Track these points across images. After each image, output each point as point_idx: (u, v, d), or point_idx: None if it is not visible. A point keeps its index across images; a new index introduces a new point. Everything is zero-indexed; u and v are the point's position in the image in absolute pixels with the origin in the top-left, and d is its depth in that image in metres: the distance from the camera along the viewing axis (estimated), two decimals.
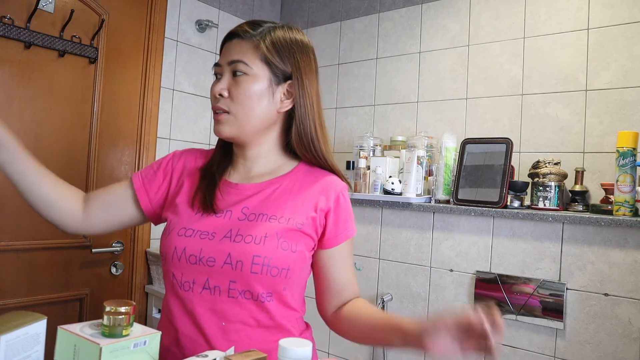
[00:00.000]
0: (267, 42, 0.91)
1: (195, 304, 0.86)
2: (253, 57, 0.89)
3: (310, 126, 0.94)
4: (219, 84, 0.90)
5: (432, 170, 2.00)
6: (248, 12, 2.55)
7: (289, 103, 0.93)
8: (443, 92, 2.12)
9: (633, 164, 1.52)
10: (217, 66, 0.93)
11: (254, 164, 0.96)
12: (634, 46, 1.68)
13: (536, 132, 1.87)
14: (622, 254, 1.57)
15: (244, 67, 0.89)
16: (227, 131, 0.90)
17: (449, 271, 1.93)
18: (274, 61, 0.91)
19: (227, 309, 0.85)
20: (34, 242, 1.77)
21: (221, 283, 0.85)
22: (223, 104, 0.90)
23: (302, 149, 0.95)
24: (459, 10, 2.10)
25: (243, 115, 0.89)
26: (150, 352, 0.63)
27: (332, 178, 0.96)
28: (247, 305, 0.85)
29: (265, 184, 0.93)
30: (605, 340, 1.58)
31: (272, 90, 0.91)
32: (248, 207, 0.90)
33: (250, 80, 0.89)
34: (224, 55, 0.92)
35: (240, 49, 0.90)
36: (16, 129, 1.70)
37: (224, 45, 0.94)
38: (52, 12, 1.79)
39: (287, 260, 0.86)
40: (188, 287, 0.87)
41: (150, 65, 2.09)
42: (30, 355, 0.64)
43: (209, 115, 2.36)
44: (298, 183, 0.94)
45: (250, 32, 0.91)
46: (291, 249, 0.87)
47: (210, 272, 0.85)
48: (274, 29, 0.93)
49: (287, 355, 0.58)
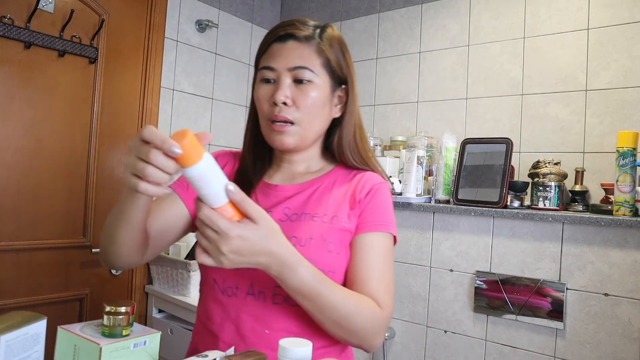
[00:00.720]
0: (327, 46, 0.86)
1: (239, 310, 0.81)
2: (317, 63, 0.85)
3: (353, 131, 0.91)
4: (281, 91, 0.83)
5: (432, 170, 2.00)
6: (248, 12, 2.55)
7: (341, 109, 0.90)
8: (443, 92, 2.12)
9: (633, 164, 1.52)
10: (269, 70, 0.85)
11: (297, 166, 0.92)
12: (634, 46, 1.68)
13: (536, 132, 1.87)
14: (622, 254, 1.57)
15: (310, 75, 0.84)
16: (292, 142, 0.85)
17: (449, 271, 1.93)
18: (335, 66, 0.87)
19: (272, 317, 0.80)
20: (34, 242, 1.77)
21: (266, 288, 0.80)
22: (288, 113, 0.83)
23: (342, 154, 0.91)
24: (459, 10, 2.10)
25: (308, 125, 0.85)
26: (150, 352, 0.63)
27: (371, 173, 0.92)
28: (293, 313, 0.80)
29: (306, 185, 0.90)
30: (605, 341, 1.58)
31: (331, 97, 0.88)
32: (289, 207, 0.87)
33: (316, 89, 0.84)
34: (279, 59, 0.85)
35: (300, 53, 0.84)
36: (16, 129, 1.71)
37: (273, 46, 0.86)
38: (52, 12, 1.79)
39: (333, 263, 0.81)
40: (231, 292, 0.82)
41: (150, 65, 2.09)
42: (30, 355, 0.64)
43: (208, 115, 2.36)
44: (339, 181, 0.90)
45: (309, 34, 0.86)
46: (336, 251, 0.82)
47: (254, 277, 0.80)
48: (325, 29, 0.88)
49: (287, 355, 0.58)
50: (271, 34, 0.88)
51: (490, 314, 1.80)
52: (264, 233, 0.65)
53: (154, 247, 0.86)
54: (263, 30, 2.64)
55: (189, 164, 0.59)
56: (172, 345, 1.93)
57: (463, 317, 1.88)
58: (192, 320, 1.88)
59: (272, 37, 0.87)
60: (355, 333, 0.77)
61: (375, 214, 0.86)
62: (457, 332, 1.89)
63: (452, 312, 1.91)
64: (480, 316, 1.84)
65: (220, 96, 2.42)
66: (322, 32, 0.87)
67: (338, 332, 0.77)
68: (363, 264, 0.83)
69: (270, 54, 0.86)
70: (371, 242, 0.84)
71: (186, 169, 0.59)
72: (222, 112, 2.43)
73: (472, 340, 1.85)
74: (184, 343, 1.89)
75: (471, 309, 1.86)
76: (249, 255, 0.65)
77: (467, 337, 1.87)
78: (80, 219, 1.90)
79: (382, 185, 0.90)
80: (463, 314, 1.88)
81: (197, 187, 0.61)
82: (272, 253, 0.67)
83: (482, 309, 1.82)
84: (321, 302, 0.73)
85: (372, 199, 0.87)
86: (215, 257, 0.65)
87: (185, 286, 1.94)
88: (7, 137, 1.70)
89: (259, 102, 0.87)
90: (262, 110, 0.87)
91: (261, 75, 0.87)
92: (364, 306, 0.77)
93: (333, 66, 0.87)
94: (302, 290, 0.71)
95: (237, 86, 2.50)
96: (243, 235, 0.63)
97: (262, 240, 0.65)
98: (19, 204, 1.73)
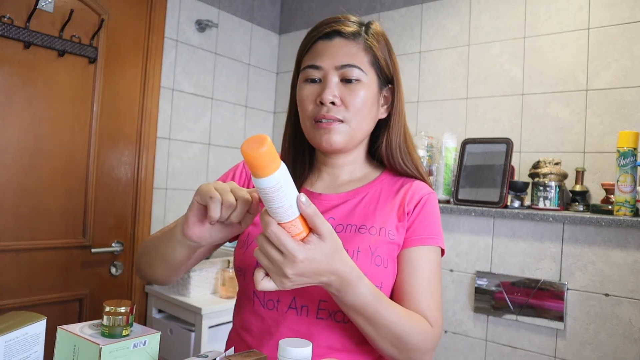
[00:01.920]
0: (374, 43, 0.83)
1: (280, 324, 0.78)
2: (365, 60, 0.82)
3: (403, 132, 0.87)
4: (328, 90, 0.79)
5: (433, 170, 2.00)
6: (248, 12, 2.55)
7: (387, 109, 0.87)
8: (443, 92, 2.12)
9: (633, 164, 1.52)
10: (315, 68, 0.82)
11: (341, 172, 0.88)
12: (634, 46, 1.68)
13: (536, 132, 1.86)
14: (623, 254, 1.57)
15: (359, 73, 0.80)
16: (340, 141, 0.81)
17: (449, 271, 1.93)
18: (382, 64, 0.84)
19: (315, 332, 0.77)
20: (34, 242, 1.76)
21: (310, 302, 0.77)
22: (337, 112, 0.80)
23: (391, 157, 0.87)
24: (459, 10, 2.09)
25: (357, 125, 0.81)
26: (150, 352, 0.63)
27: (419, 183, 0.88)
28: (336, 328, 0.77)
29: (351, 193, 0.86)
30: (605, 341, 1.58)
31: (378, 97, 0.85)
32: (334, 218, 0.83)
33: (365, 88, 0.81)
34: (325, 57, 0.81)
35: (349, 51, 0.81)
36: (16, 129, 1.71)
37: (318, 44, 0.83)
38: (51, 12, 1.78)
39: (380, 277, 0.78)
40: (272, 305, 0.79)
41: (150, 65, 2.09)
42: (29, 356, 0.64)
43: (208, 115, 2.36)
44: (385, 191, 0.86)
45: (356, 30, 0.82)
46: (384, 265, 0.78)
47: (298, 291, 0.76)
48: (370, 25, 0.85)
49: (287, 355, 0.58)
50: (315, 31, 0.84)
51: (490, 314, 1.80)
52: (330, 251, 0.62)
53: (192, 263, 0.84)
54: (263, 30, 2.64)
55: (265, 174, 0.53)
56: (171, 345, 1.93)
57: (463, 317, 1.88)
58: (192, 321, 1.88)
59: (317, 35, 0.83)
60: (407, 351, 0.74)
61: (425, 226, 0.82)
62: (458, 332, 1.89)
63: (452, 312, 1.90)
64: (481, 316, 1.83)
65: (220, 96, 2.42)
66: (368, 29, 0.84)
67: (390, 350, 0.74)
68: (413, 280, 0.79)
69: (316, 52, 0.82)
70: (421, 257, 0.81)
71: (261, 179, 0.54)
72: (222, 112, 2.43)
73: (473, 341, 1.85)
74: (183, 343, 1.89)
75: (471, 309, 1.86)
76: (312, 276, 0.62)
77: (467, 337, 1.87)
78: (80, 219, 1.90)
79: (431, 196, 0.87)
80: (463, 314, 1.88)
81: (268, 199, 0.56)
82: (336, 272, 0.64)
83: (483, 309, 1.82)
84: (377, 319, 0.70)
85: (421, 210, 0.83)
86: (277, 279, 0.62)
87: (185, 286, 1.94)
88: (6, 137, 1.70)
89: (303, 102, 0.83)
90: (306, 111, 0.83)
91: (305, 75, 0.83)
92: (418, 325, 0.74)
93: (381, 64, 0.84)
94: (359, 307, 0.68)
95: (237, 86, 2.50)
96: (310, 258, 0.60)
97: (327, 259, 0.62)
98: (19, 204, 1.73)
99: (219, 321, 1.88)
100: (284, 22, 2.73)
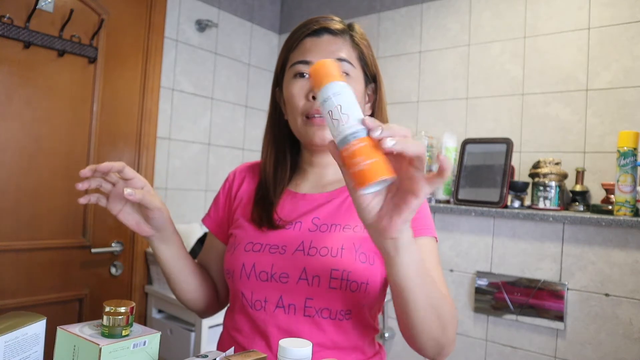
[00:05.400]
0: (360, 39, 0.84)
1: (268, 324, 0.79)
2: (353, 56, 0.83)
3: None
4: None
5: (432, 170, 2.00)
6: (248, 12, 2.54)
7: (370, 108, 0.88)
8: (443, 92, 2.12)
9: (634, 164, 1.51)
10: (305, 64, 0.82)
11: (326, 171, 0.89)
12: (634, 46, 1.67)
13: (537, 132, 1.86)
14: (623, 254, 1.57)
15: (349, 67, 0.81)
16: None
17: (449, 271, 1.92)
18: (368, 61, 0.85)
19: (305, 330, 0.77)
20: (34, 242, 1.76)
21: (296, 301, 0.78)
22: None
23: None
24: (459, 10, 2.09)
25: None
26: (149, 352, 0.63)
27: None
28: (325, 326, 0.77)
29: (336, 192, 0.86)
30: (606, 341, 1.58)
31: (364, 94, 0.85)
32: (319, 217, 0.83)
33: (354, 82, 0.81)
34: (316, 52, 0.82)
35: (338, 46, 0.82)
36: (15, 129, 1.71)
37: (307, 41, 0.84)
38: (51, 12, 1.78)
39: (366, 274, 0.77)
40: (260, 306, 0.80)
41: (150, 65, 2.09)
42: (29, 356, 0.63)
43: (208, 115, 2.36)
44: None
45: (342, 27, 0.84)
46: (369, 262, 0.78)
47: (284, 289, 0.78)
48: (353, 25, 0.87)
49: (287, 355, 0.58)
50: (303, 28, 0.85)
51: (490, 314, 1.80)
52: None
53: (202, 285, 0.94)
54: (263, 30, 2.64)
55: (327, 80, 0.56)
56: (171, 345, 1.92)
57: (463, 317, 1.88)
58: (192, 321, 1.88)
59: (305, 32, 0.84)
60: (444, 328, 0.69)
61: (418, 218, 0.82)
62: (458, 332, 1.88)
63: None
64: (481, 316, 1.83)
65: (220, 96, 2.42)
66: (352, 28, 0.87)
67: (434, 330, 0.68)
68: None
69: (304, 49, 0.83)
70: (422, 249, 0.80)
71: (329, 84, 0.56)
72: (221, 111, 2.43)
73: (473, 341, 1.85)
74: (183, 343, 1.89)
75: (472, 309, 1.86)
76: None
77: (467, 338, 1.86)
78: (79, 219, 1.90)
79: None
80: (463, 314, 1.88)
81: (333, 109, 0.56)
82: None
83: (483, 309, 1.82)
84: (430, 282, 0.65)
85: None
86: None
87: None
88: (6, 137, 1.70)
89: (294, 98, 0.82)
90: (296, 107, 0.82)
91: (294, 71, 0.83)
92: (453, 307, 0.72)
93: (367, 60, 0.85)
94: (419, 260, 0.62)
95: (237, 86, 2.50)
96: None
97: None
98: (19, 204, 1.73)
99: (219, 321, 1.88)
100: (284, 22, 2.73)
